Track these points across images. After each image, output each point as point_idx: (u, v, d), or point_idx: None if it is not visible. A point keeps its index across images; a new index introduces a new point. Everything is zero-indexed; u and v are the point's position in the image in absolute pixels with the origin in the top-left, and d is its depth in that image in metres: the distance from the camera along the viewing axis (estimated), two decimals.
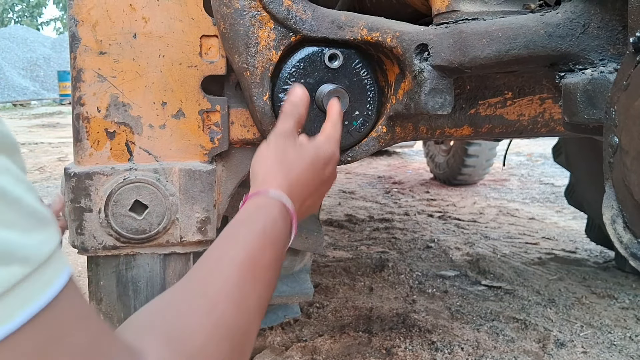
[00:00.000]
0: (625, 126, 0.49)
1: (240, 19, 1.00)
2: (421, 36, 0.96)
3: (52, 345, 0.38)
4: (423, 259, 3.07)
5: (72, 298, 0.41)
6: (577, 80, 0.74)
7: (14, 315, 0.36)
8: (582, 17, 0.81)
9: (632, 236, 0.50)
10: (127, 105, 1.09)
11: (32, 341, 0.37)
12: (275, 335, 2.04)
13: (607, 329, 2.22)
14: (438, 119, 1.16)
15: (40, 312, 0.37)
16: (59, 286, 0.39)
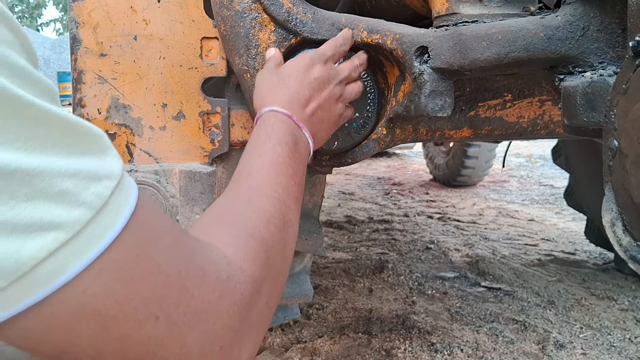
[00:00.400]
0: (625, 130, 0.49)
1: (240, 21, 1.00)
2: (421, 38, 0.96)
3: (147, 244, 0.45)
4: (422, 260, 3.08)
5: (148, 204, 0.48)
6: (576, 83, 0.75)
7: (116, 222, 0.42)
8: (581, 20, 0.81)
9: (632, 239, 0.50)
10: (128, 107, 1.09)
11: (131, 241, 0.43)
12: (275, 336, 2.04)
13: (606, 330, 2.22)
14: (438, 121, 1.16)
15: (131, 218, 0.44)
16: (136, 193, 0.46)
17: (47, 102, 0.39)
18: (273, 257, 0.59)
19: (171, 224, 0.50)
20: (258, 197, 0.67)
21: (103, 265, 0.41)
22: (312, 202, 1.68)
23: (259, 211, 0.64)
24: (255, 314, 0.54)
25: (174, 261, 0.46)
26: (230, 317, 0.50)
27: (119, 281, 0.42)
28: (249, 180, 0.70)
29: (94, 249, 0.40)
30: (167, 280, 0.45)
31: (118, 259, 0.42)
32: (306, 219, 1.66)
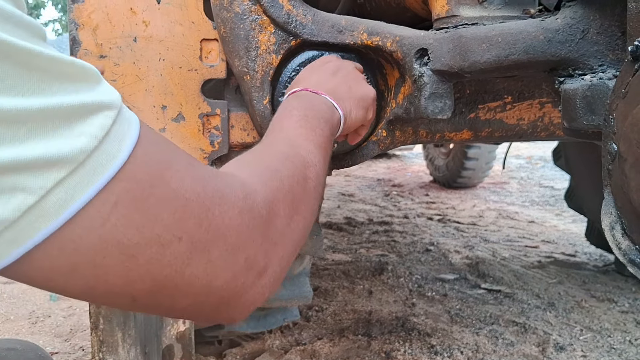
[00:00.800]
0: (624, 134, 0.49)
1: (240, 23, 1.00)
2: (421, 41, 0.96)
3: (161, 171, 0.46)
4: (422, 262, 3.07)
5: (153, 133, 0.49)
6: (576, 86, 0.75)
7: (121, 150, 0.43)
8: (581, 22, 0.81)
9: (631, 242, 0.50)
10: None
11: (143, 170, 0.44)
12: (274, 338, 2.03)
13: (606, 332, 2.22)
14: (438, 123, 1.16)
15: (137, 147, 0.44)
16: (137, 123, 0.46)
17: (38, 44, 0.40)
18: (289, 184, 0.62)
19: (181, 151, 0.51)
20: (277, 143, 0.71)
21: (119, 197, 0.42)
22: None
23: (276, 152, 0.68)
24: (276, 232, 0.57)
25: (191, 185, 0.48)
26: (251, 230, 0.52)
27: (137, 210, 0.43)
28: (268, 136, 0.75)
29: (100, 177, 0.41)
30: (186, 203, 0.47)
31: (133, 189, 0.43)
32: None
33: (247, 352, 1.94)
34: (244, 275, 0.52)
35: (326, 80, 0.92)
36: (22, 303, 2.52)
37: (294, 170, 0.65)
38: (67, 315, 2.37)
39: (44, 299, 2.56)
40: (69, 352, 2.02)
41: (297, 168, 0.66)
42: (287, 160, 0.66)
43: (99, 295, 0.46)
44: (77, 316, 2.35)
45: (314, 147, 0.73)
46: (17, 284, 2.74)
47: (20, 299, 2.56)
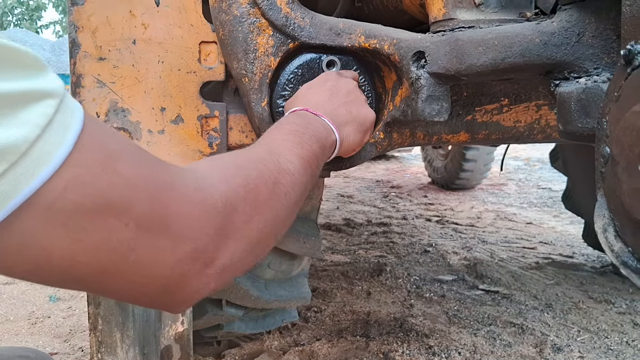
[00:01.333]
0: (616, 137, 0.49)
1: (239, 26, 1.01)
2: (418, 44, 0.97)
3: (110, 158, 0.46)
4: (421, 263, 3.08)
5: (98, 124, 0.49)
6: (571, 89, 0.75)
7: (65, 139, 0.43)
8: (577, 26, 0.81)
9: (623, 245, 0.50)
10: (126, 110, 1.09)
11: (92, 156, 0.45)
12: (273, 339, 2.04)
13: (604, 333, 2.23)
14: (435, 125, 1.17)
15: (82, 135, 0.44)
16: (81, 112, 0.46)
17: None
18: (254, 184, 0.62)
19: (129, 141, 0.52)
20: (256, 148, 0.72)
21: (67, 182, 0.43)
22: (310, 205, 1.69)
23: (251, 155, 0.68)
24: (231, 227, 0.57)
25: (140, 171, 0.48)
26: (202, 222, 0.53)
27: (85, 195, 0.44)
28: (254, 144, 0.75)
29: (45, 167, 0.41)
30: (134, 189, 0.47)
31: (81, 174, 0.43)
32: (304, 221, 1.67)
33: (245, 353, 1.95)
34: (189, 265, 0.52)
35: (326, 102, 0.92)
36: (22, 304, 2.52)
37: (265, 172, 0.65)
38: (66, 316, 2.37)
39: (44, 300, 2.56)
40: (68, 353, 2.03)
41: (268, 171, 0.66)
42: (259, 163, 0.66)
43: (44, 275, 0.46)
44: (77, 317, 2.36)
45: (295, 158, 0.73)
46: (17, 285, 2.75)
47: (20, 300, 2.57)
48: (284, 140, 0.76)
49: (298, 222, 1.63)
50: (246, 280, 1.62)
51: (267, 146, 0.73)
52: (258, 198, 0.62)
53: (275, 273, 1.72)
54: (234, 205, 0.57)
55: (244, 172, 0.62)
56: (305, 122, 0.84)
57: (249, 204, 0.60)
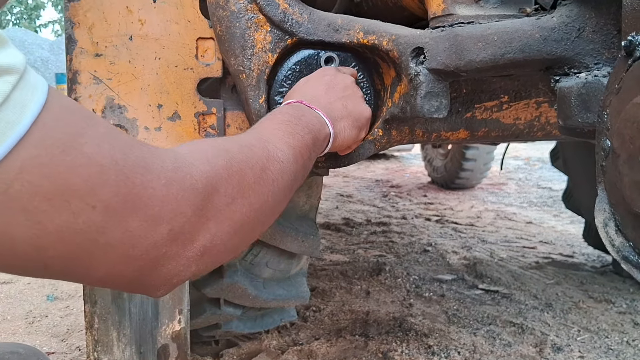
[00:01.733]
0: (617, 129, 0.49)
1: (236, 22, 1.00)
2: (417, 39, 0.96)
3: (74, 137, 0.44)
4: (420, 263, 3.07)
5: (67, 100, 0.47)
6: (571, 84, 0.75)
7: (22, 118, 0.41)
8: (577, 21, 0.81)
9: (624, 239, 0.50)
10: (123, 107, 1.09)
11: (52, 135, 0.43)
12: (272, 338, 2.03)
13: (604, 333, 2.22)
14: (434, 122, 1.16)
15: (43, 113, 0.43)
16: (45, 88, 0.44)
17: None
18: (238, 167, 0.60)
19: (100, 119, 0.50)
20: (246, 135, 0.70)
21: (23, 163, 0.41)
22: (309, 204, 1.68)
23: (239, 140, 0.67)
24: (212, 208, 0.55)
25: (108, 151, 0.46)
26: (180, 202, 0.51)
27: (44, 177, 0.42)
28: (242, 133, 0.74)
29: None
30: (102, 170, 0.45)
31: (39, 154, 0.42)
32: (303, 220, 1.66)
33: (244, 352, 1.94)
34: (166, 246, 0.51)
35: (322, 96, 0.92)
36: (19, 303, 2.51)
37: (251, 157, 0.64)
38: (64, 315, 2.37)
39: (41, 299, 2.56)
40: (65, 352, 2.02)
41: (255, 156, 0.65)
42: (246, 147, 0.65)
43: (13, 263, 0.45)
44: (74, 316, 2.35)
45: (286, 147, 0.72)
46: (14, 284, 2.74)
47: (17, 299, 2.56)
48: (275, 129, 0.75)
49: (297, 221, 1.63)
50: (244, 279, 1.62)
51: (257, 133, 0.72)
52: (243, 181, 0.60)
53: (273, 272, 1.71)
54: (215, 186, 0.56)
55: (228, 154, 0.61)
56: (299, 113, 0.83)
57: (232, 185, 0.58)
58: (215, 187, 0.56)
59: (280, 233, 1.55)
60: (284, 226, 1.56)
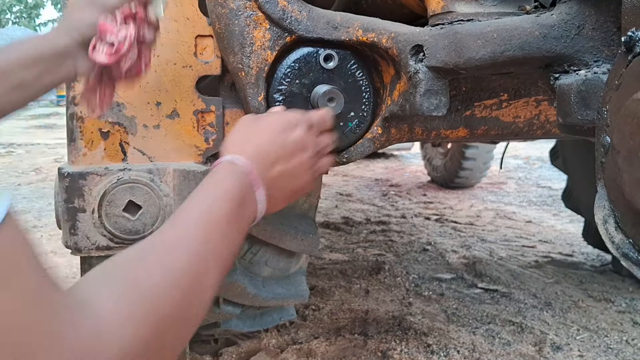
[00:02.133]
0: (617, 125, 0.49)
1: (235, 19, 1.00)
2: (416, 37, 0.96)
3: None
4: (419, 262, 3.07)
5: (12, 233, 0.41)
6: (571, 81, 0.74)
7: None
8: (576, 18, 0.81)
9: (624, 236, 0.49)
10: (122, 105, 1.08)
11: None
12: (271, 337, 2.03)
13: (603, 332, 2.22)
14: (433, 120, 1.16)
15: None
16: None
17: None
18: (166, 327, 0.52)
19: (30, 269, 0.43)
20: (175, 252, 0.58)
21: None
22: (308, 202, 1.68)
23: (168, 270, 0.56)
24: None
25: (18, 319, 0.40)
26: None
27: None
28: (172, 232, 0.62)
29: None
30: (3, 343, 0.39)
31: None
32: (302, 219, 1.66)
33: (243, 351, 1.94)
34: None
35: (276, 159, 0.81)
36: None
37: (180, 303, 0.55)
38: None
39: None
40: None
41: (185, 300, 0.56)
42: (176, 288, 0.55)
43: None
44: None
45: (216, 265, 0.62)
46: None
47: None
48: (210, 234, 0.63)
49: (296, 220, 1.62)
50: (243, 277, 1.62)
51: (191, 250, 0.60)
52: (166, 344, 0.53)
53: (272, 271, 1.71)
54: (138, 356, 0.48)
55: (157, 311, 0.52)
56: (240, 197, 0.71)
57: (153, 353, 0.51)
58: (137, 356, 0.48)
59: (279, 232, 1.55)
60: (283, 225, 1.56)
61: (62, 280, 0.47)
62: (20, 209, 4.46)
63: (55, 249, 3.30)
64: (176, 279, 0.56)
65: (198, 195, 0.69)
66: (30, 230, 3.74)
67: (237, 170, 0.74)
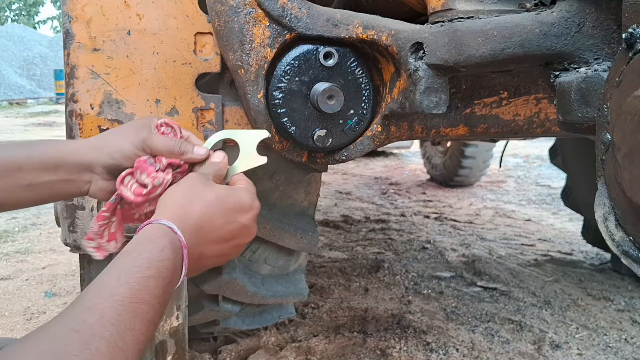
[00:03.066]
0: (618, 123, 0.48)
1: (235, 16, 0.99)
2: (416, 35, 0.95)
3: None
4: (419, 260, 3.07)
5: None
6: (571, 79, 0.74)
7: None
8: (577, 16, 0.80)
9: (624, 234, 0.49)
10: (121, 102, 1.08)
11: None
12: (270, 335, 2.03)
13: (602, 331, 2.22)
14: (433, 118, 1.15)
15: None
16: None
17: None
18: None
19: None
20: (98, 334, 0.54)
21: None
22: (308, 200, 1.68)
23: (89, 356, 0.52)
24: None
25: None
26: None
27: None
28: (95, 308, 0.56)
29: None
30: None
31: None
32: (301, 217, 1.66)
33: (242, 349, 1.93)
34: None
35: (218, 240, 0.74)
36: (17, 299, 2.51)
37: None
38: None
39: (39, 296, 2.55)
40: None
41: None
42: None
43: None
44: None
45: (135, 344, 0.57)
46: (12, 280, 2.73)
47: (15, 295, 2.55)
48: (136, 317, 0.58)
49: (295, 218, 1.62)
50: (243, 276, 1.61)
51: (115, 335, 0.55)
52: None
53: (272, 269, 1.71)
54: None
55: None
56: (172, 274, 0.65)
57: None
58: None
59: (278, 230, 1.55)
60: (282, 223, 1.56)
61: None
62: None
63: (55, 246, 3.30)
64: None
65: (123, 271, 0.61)
66: (29, 228, 3.74)
67: (176, 244, 0.67)
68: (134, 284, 0.59)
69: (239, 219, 0.75)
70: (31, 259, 3.12)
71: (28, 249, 3.30)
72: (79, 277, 1.14)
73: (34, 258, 3.13)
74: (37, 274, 2.83)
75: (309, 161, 1.13)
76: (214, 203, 0.74)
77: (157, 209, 0.74)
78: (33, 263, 3.03)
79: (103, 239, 0.81)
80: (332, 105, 1.00)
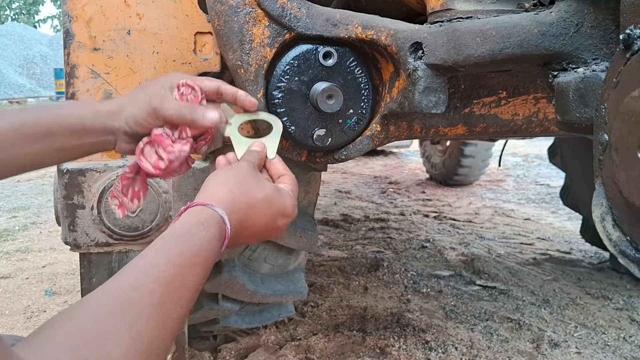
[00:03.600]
0: (615, 123, 0.49)
1: (234, 16, 0.99)
2: (415, 35, 0.96)
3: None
4: (418, 259, 3.08)
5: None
6: (569, 79, 0.75)
7: None
8: (575, 16, 0.81)
9: (621, 234, 0.50)
10: None
11: None
12: (269, 334, 2.03)
13: (601, 329, 2.23)
14: (432, 117, 1.16)
15: None
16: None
17: None
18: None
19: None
20: (144, 315, 0.53)
21: None
22: (307, 199, 1.68)
23: (131, 344, 0.51)
24: None
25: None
26: None
27: None
28: (135, 293, 0.55)
29: None
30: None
31: None
32: (301, 216, 1.66)
33: (242, 348, 1.94)
34: None
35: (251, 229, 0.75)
36: (17, 298, 2.51)
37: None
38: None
39: (40, 294, 2.56)
40: None
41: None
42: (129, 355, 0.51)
43: None
44: None
45: (177, 327, 0.58)
46: (13, 279, 2.74)
47: (16, 294, 2.56)
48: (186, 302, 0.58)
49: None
50: (242, 274, 1.62)
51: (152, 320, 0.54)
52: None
53: (271, 267, 1.71)
54: None
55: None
56: (216, 254, 0.66)
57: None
58: None
59: None
60: None
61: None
62: (19, 206, 4.45)
63: (55, 245, 3.31)
64: (139, 356, 0.51)
65: (173, 253, 0.61)
66: (30, 226, 3.75)
67: (222, 234, 0.68)
68: (182, 269, 0.59)
69: (278, 222, 0.77)
70: (31, 257, 3.12)
71: (28, 247, 3.31)
72: (79, 275, 1.15)
73: (34, 257, 3.13)
74: (38, 273, 2.84)
75: (309, 160, 1.14)
76: (262, 203, 0.75)
77: (207, 188, 0.74)
78: (33, 262, 3.04)
79: (127, 197, 0.83)
80: (332, 104, 1.00)
